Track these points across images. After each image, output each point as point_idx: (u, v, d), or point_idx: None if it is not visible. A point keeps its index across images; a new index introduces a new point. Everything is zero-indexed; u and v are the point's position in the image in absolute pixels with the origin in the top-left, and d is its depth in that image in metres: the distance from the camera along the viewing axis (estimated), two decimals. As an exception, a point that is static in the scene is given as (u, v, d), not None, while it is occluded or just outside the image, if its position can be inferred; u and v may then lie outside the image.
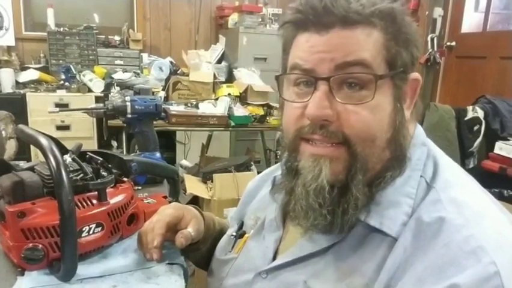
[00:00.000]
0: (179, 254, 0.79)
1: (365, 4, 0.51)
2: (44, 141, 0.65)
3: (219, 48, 3.89)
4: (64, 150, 0.75)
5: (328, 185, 0.53)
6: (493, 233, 0.49)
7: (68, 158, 0.73)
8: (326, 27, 0.51)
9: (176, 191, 0.94)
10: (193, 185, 2.48)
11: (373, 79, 0.51)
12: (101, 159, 0.80)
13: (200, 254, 0.83)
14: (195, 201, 2.51)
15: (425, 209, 0.52)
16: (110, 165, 0.81)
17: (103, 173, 0.78)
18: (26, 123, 3.17)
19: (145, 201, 0.91)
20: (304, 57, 0.54)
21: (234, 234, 0.77)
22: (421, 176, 0.56)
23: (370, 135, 0.53)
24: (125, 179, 0.84)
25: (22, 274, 0.69)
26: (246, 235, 0.74)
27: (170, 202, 0.93)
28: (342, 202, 0.54)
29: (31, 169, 0.74)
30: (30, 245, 0.66)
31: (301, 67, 0.54)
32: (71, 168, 0.73)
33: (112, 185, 0.79)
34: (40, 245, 0.67)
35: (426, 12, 3.40)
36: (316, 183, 0.53)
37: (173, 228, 0.75)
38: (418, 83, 0.57)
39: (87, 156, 0.82)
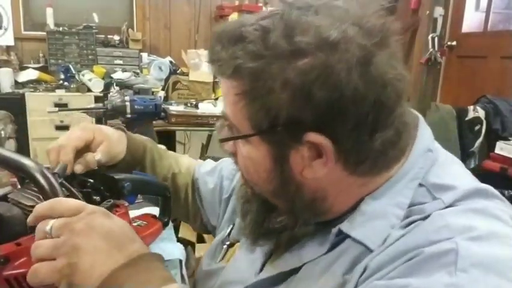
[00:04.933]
0: (178, 249, 0.76)
1: (221, 57, 0.48)
2: (29, 163, 0.54)
3: (218, 48, 3.87)
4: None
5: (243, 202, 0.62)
6: None
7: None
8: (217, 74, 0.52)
9: (168, 209, 0.82)
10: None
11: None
12: (91, 180, 0.68)
13: None
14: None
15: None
16: (102, 187, 0.69)
17: (95, 197, 0.67)
18: (25, 123, 3.16)
19: (134, 224, 0.78)
20: None
21: (227, 243, 0.71)
22: (421, 184, 0.51)
23: (250, 179, 0.56)
24: (120, 202, 0.73)
25: None
26: (237, 244, 0.69)
27: (162, 223, 0.83)
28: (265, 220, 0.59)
29: (3, 199, 0.60)
30: None
31: None
32: None
33: None
34: None
35: (427, 12, 3.39)
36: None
37: (84, 151, 0.69)
38: (321, 147, 0.47)
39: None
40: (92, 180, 0.68)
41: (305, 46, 0.44)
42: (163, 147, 0.88)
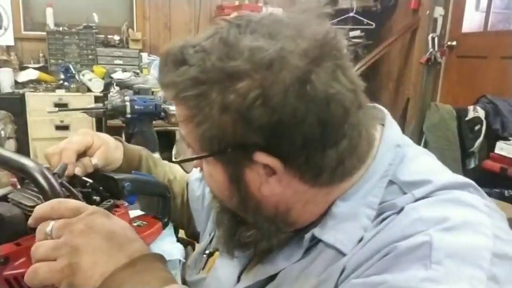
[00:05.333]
0: (178, 249, 0.76)
1: (165, 81, 0.49)
2: (29, 163, 0.53)
3: (218, 48, 3.87)
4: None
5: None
6: None
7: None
8: None
9: (167, 209, 0.82)
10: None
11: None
12: (90, 180, 0.68)
13: None
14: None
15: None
16: (102, 187, 0.69)
17: (95, 197, 0.66)
18: (25, 123, 3.16)
19: (134, 224, 0.77)
20: None
21: (207, 252, 0.71)
22: (391, 182, 0.51)
23: (215, 194, 0.57)
24: (120, 202, 0.73)
25: None
26: (217, 253, 0.69)
27: (162, 223, 0.82)
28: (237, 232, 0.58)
29: (3, 199, 0.60)
30: None
31: None
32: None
33: None
34: None
35: (427, 12, 3.40)
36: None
37: (82, 156, 0.71)
38: (271, 166, 0.47)
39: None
40: (92, 181, 0.68)
41: (241, 69, 0.44)
42: (157, 155, 0.88)
